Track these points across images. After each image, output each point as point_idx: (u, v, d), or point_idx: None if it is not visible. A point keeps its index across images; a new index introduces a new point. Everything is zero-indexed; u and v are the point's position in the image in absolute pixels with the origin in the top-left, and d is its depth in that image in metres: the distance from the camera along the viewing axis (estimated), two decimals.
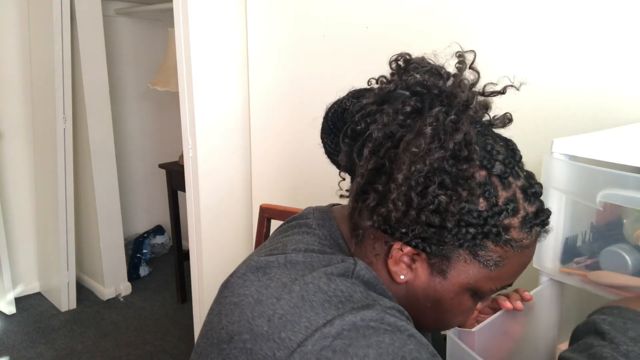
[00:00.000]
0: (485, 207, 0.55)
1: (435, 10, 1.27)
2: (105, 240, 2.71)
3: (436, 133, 0.53)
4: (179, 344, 2.35)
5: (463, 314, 0.63)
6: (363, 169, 0.57)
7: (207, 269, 1.84)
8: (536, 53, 1.11)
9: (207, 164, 1.77)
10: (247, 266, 0.59)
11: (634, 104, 0.98)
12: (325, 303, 0.51)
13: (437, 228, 0.55)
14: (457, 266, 0.57)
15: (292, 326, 0.50)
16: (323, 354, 0.47)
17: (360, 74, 0.66)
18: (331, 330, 0.49)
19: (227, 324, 0.54)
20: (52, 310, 2.65)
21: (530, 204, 0.57)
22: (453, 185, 0.54)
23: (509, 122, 0.60)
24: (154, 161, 3.16)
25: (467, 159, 0.53)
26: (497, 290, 0.61)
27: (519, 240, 0.57)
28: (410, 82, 0.58)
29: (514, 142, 0.61)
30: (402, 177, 0.53)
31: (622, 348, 0.52)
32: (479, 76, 0.60)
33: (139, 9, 2.87)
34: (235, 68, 1.78)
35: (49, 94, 2.43)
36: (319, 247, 0.61)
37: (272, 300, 0.53)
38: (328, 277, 0.54)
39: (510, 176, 0.56)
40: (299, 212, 0.70)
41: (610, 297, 0.73)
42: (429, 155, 0.53)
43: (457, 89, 0.57)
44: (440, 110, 0.54)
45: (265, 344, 0.50)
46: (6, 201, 2.65)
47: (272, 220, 1.42)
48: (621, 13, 0.98)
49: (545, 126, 1.11)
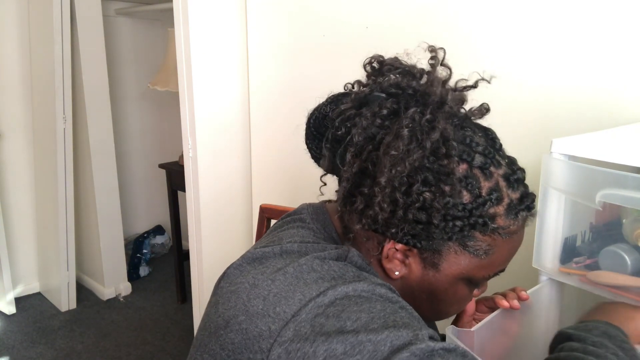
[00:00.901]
0: (469, 199, 0.56)
1: (435, 10, 1.27)
2: (105, 240, 2.71)
3: (413, 134, 0.55)
4: (179, 344, 2.35)
5: (459, 302, 0.65)
6: (347, 173, 0.59)
7: (207, 269, 1.84)
8: (536, 53, 1.11)
9: (207, 164, 1.77)
10: (243, 258, 0.61)
11: (634, 104, 0.99)
12: (318, 280, 0.53)
13: (425, 224, 0.56)
14: (449, 258, 0.59)
15: (287, 301, 0.52)
16: (317, 320, 0.49)
17: (360, 74, 0.66)
18: (324, 299, 0.50)
19: (224, 311, 0.56)
20: (52, 310, 2.65)
21: (514, 191, 0.59)
22: (435, 182, 0.55)
23: (486, 111, 0.62)
24: (154, 161, 3.16)
25: (446, 155, 0.55)
26: (491, 276, 0.63)
27: (506, 227, 0.58)
28: (385, 85, 0.59)
29: (494, 131, 0.62)
30: (384, 180, 0.55)
31: (589, 341, 0.56)
32: (450, 72, 0.61)
33: (139, 9, 2.87)
34: (235, 68, 1.78)
35: (49, 94, 2.43)
36: (314, 239, 0.62)
37: (267, 282, 0.55)
38: (321, 260, 0.56)
39: (491, 166, 0.57)
40: (294, 209, 0.72)
41: (609, 297, 0.73)
42: (408, 156, 0.54)
43: (431, 88, 0.58)
44: (415, 111, 0.56)
45: (260, 320, 0.51)
46: (6, 201, 2.65)
47: (272, 220, 1.42)
48: (621, 13, 0.98)
49: (544, 126, 1.11)
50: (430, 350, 0.46)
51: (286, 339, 0.49)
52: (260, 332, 0.51)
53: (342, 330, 0.47)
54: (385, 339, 0.46)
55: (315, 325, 0.49)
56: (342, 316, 0.49)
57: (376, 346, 0.46)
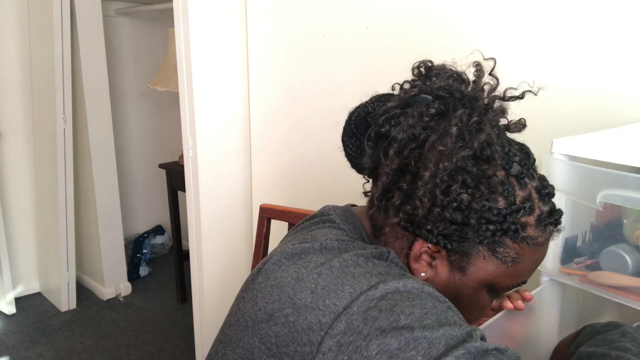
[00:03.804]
0: (504, 205, 0.58)
1: (435, 10, 1.27)
2: (105, 240, 2.71)
3: (461, 133, 0.56)
4: (179, 344, 2.35)
5: (480, 310, 0.66)
6: (388, 168, 0.60)
7: (207, 269, 1.84)
8: (536, 54, 1.11)
9: (207, 164, 1.77)
10: (281, 253, 0.60)
11: (634, 104, 0.98)
12: (366, 274, 0.53)
13: (459, 225, 0.57)
14: (476, 262, 0.60)
15: (336, 293, 0.51)
16: (369, 313, 0.49)
17: (360, 74, 0.66)
18: (375, 293, 0.50)
19: (265, 305, 0.55)
20: (52, 310, 2.65)
21: (545, 204, 0.60)
22: (475, 184, 0.56)
23: (523, 127, 0.63)
24: (154, 161, 3.16)
25: (488, 158, 0.56)
26: (513, 287, 0.63)
27: (535, 238, 0.60)
28: (433, 87, 0.60)
29: (528, 147, 0.64)
30: (428, 175, 0.56)
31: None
32: (498, 82, 0.62)
33: (139, 9, 2.87)
34: (235, 68, 1.78)
35: (49, 94, 2.43)
36: (349, 239, 0.62)
37: (313, 276, 0.54)
38: (365, 257, 0.56)
39: (526, 177, 0.59)
40: (317, 211, 0.71)
41: (610, 297, 0.73)
42: (455, 153, 0.55)
43: (479, 93, 0.60)
44: (464, 112, 0.57)
45: (310, 313, 0.51)
46: (6, 201, 2.65)
47: (272, 220, 1.42)
48: (621, 13, 0.98)
49: (545, 126, 1.11)
50: (485, 349, 0.46)
51: (338, 331, 0.48)
52: (309, 324, 0.50)
53: (396, 326, 0.47)
54: (440, 337, 0.46)
55: (368, 318, 0.48)
56: (395, 310, 0.49)
57: (431, 343, 0.46)
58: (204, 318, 1.88)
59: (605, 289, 0.74)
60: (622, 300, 0.72)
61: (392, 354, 0.45)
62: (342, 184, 0.67)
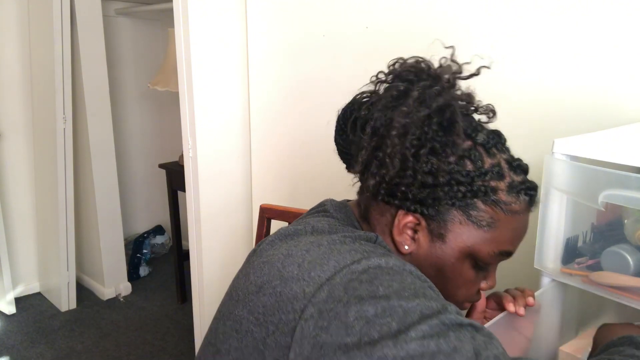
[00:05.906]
0: (473, 168, 0.62)
1: (435, 10, 1.26)
2: (105, 240, 2.71)
3: (421, 95, 0.61)
4: (179, 344, 2.35)
5: (466, 286, 0.67)
6: (366, 143, 0.64)
7: (207, 269, 1.84)
8: (536, 53, 1.10)
9: (207, 164, 1.77)
10: (275, 234, 0.65)
11: (636, 103, 0.98)
12: (351, 251, 0.57)
13: (431, 187, 0.61)
14: (454, 228, 0.63)
15: (321, 267, 0.54)
16: (350, 284, 0.51)
17: (360, 74, 0.68)
18: (358, 267, 0.53)
19: (256, 279, 0.59)
20: (52, 310, 2.65)
21: (516, 174, 0.64)
22: (442, 149, 0.61)
23: (491, 112, 0.67)
24: (154, 161, 3.16)
25: (451, 123, 0.60)
26: (496, 255, 0.65)
27: (508, 204, 0.63)
28: (402, 69, 0.65)
29: (501, 132, 0.67)
30: (395, 133, 0.60)
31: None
32: (459, 66, 0.66)
33: (139, 9, 2.86)
34: (235, 68, 1.78)
35: (49, 94, 2.43)
36: (340, 225, 0.66)
37: (301, 252, 0.58)
38: (352, 238, 0.60)
39: (494, 148, 0.63)
40: (318, 203, 0.76)
41: (612, 297, 0.73)
42: (416, 111, 0.60)
43: (442, 73, 0.64)
44: (426, 84, 0.62)
45: (295, 284, 0.54)
46: (6, 201, 2.65)
47: (272, 220, 1.41)
48: (621, 13, 0.98)
49: (546, 126, 1.11)
50: (460, 322, 0.48)
51: (320, 299, 0.51)
52: (294, 294, 0.53)
53: (374, 295, 0.50)
54: (415, 307, 0.49)
55: (349, 288, 0.51)
56: (375, 282, 0.51)
57: (406, 312, 0.48)
58: (204, 318, 1.88)
59: (607, 290, 0.74)
60: (624, 301, 0.72)
61: (368, 320, 0.48)
62: (342, 184, 0.68)
